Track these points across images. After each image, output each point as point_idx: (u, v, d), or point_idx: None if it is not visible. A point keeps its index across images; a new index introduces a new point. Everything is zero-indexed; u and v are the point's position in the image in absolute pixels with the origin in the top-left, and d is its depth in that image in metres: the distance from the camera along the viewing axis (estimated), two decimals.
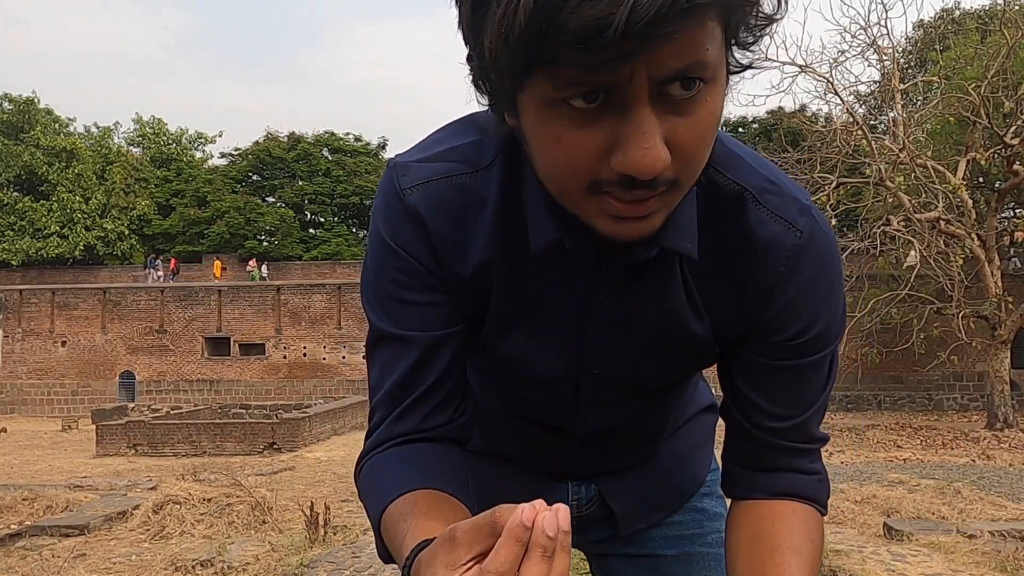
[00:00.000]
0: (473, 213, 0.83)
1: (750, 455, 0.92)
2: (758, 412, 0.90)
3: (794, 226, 0.82)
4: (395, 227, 0.84)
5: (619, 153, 0.62)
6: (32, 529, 7.17)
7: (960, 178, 16.73)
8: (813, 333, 0.85)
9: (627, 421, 1.05)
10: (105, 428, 16.29)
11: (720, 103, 0.66)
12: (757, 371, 0.89)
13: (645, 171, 0.62)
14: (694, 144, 0.65)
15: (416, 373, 0.87)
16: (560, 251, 0.79)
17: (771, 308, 0.84)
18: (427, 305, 0.86)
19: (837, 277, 0.87)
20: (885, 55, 17.51)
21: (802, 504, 0.90)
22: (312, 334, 28.38)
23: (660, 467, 1.16)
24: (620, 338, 0.89)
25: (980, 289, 17.85)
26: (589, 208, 0.69)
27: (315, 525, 6.23)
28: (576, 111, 0.62)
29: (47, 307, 29.49)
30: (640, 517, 1.16)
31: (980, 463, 12.52)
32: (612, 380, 0.94)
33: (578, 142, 0.64)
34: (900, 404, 24.27)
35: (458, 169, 0.83)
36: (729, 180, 0.81)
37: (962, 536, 5.89)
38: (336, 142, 41.99)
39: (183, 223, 38.70)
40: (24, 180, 38.35)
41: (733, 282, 0.84)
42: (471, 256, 0.84)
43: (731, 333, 0.88)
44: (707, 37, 0.60)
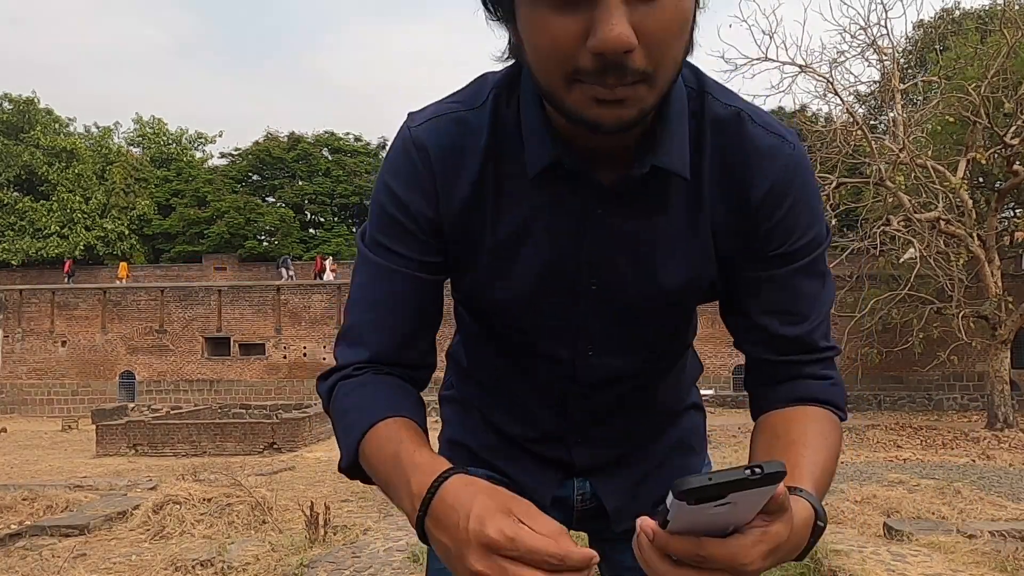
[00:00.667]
0: (469, 142, 0.92)
1: (767, 373, 0.99)
2: (763, 331, 0.96)
3: (786, 139, 0.92)
4: (398, 166, 0.94)
5: (591, 35, 0.71)
6: (32, 529, 7.17)
7: (960, 178, 16.74)
8: (807, 238, 0.92)
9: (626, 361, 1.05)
10: (105, 428, 16.30)
11: (687, 2, 0.74)
12: (756, 287, 0.95)
13: (612, 46, 0.70)
14: (660, 32, 0.73)
15: (394, 311, 0.96)
16: (556, 172, 0.87)
17: (769, 217, 0.91)
18: (414, 256, 0.94)
19: (817, 191, 0.95)
20: (885, 55, 17.51)
21: (817, 407, 0.95)
22: (312, 334, 28.39)
23: (652, 467, 1.18)
24: (617, 253, 0.94)
25: (980, 289, 17.86)
26: (573, 96, 0.76)
27: (315, 525, 6.23)
28: (557, 2, 0.72)
29: (47, 307, 29.51)
30: (632, 515, 1.17)
31: (980, 463, 12.53)
32: (610, 298, 0.96)
33: (559, 27, 0.73)
34: (900, 404, 24.29)
35: (457, 108, 0.94)
36: (725, 104, 0.91)
37: (962, 536, 5.89)
38: (336, 142, 42.00)
39: (183, 223, 38.71)
40: (24, 180, 38.36)
41: (734, 197, 0.91)
42: (465, 181, 0.92)
43: (730, 248, 0.94)
44: None
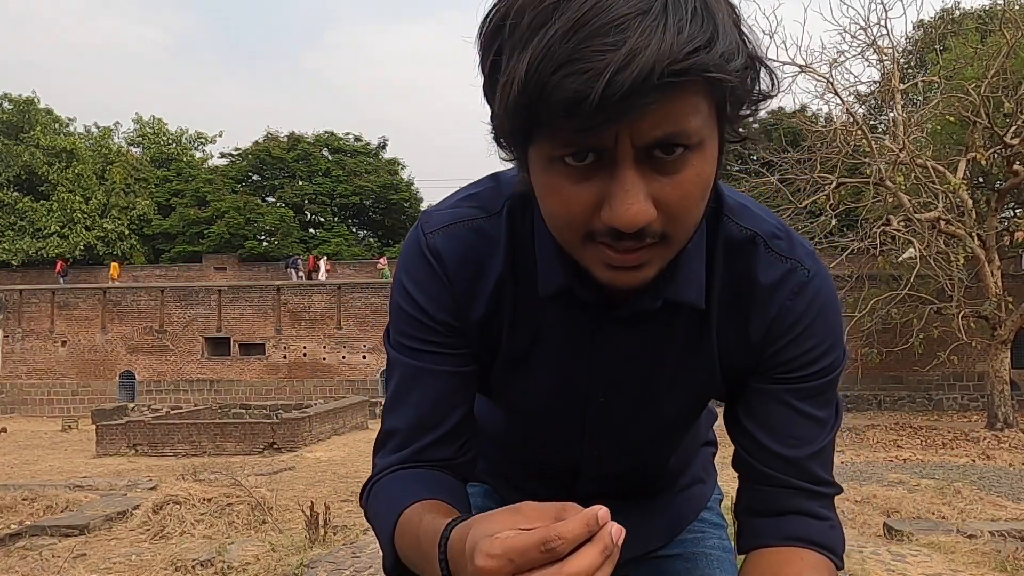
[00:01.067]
0: (486, 254, 0.91)
1: (760, 500, 0.94)
2: (763, 449, 0.92)
3: (802, 264, 0.89)
4: (416, 273, 0.92)
5: (606, 207, 0.69)
6: (32, 529, 7.18)
7: (960, 178, 16.73)
8: (813, 363, 0.90)
9: (631, 460, 1.08)
10: (105, 428, 16.30)
11: (709, 169, 0.72)
12: (761, 404, 0.92)
13: (628, 224, 0.69)
14: (679, 202, 0.71)
15: (426, 411, 0.94)
16: (568, 296, 0.87)
17: (776, 340, 0.89)
18: (440, 351, 0.93)
19: (837, 311, 0.92)
20: (885, 55, 17.51)
21: (814, 552, 0.91)
22: (312, 334, 28.39)
23: (660, 507, 1.20)
24: (624, 374, 0.93)
25: (980, 289, 17.85)
26: (586, 256, 0.75)
27: (315, 525, 6.24)
28: (571, 168, 0.69)
29: (47, 307, 29.50)
30: (634, 548, 1.19)
31: (980, 463, 12.53)
32: (616, 414, 0.98)
33: (573, 196, 0.71)
34: (900, 404, 24.28)
35: (474, 214, 0.92)
36: (741, 227, 0.89)
37: (962, 536, 5.89)
38: (336, 142, 41.98)
39: (183, 223, 38.68)
40: (24, 180, 38.34)
41: (742, 320, 0.90)
42: (482, 294, 0.91)
43: (738, 368, 0.92)
44: (689, 109, 0.67)
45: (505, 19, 0.68)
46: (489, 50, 0.70)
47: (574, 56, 0.62)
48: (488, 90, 0.73)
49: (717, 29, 0.65)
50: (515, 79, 0.65)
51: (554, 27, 0.63)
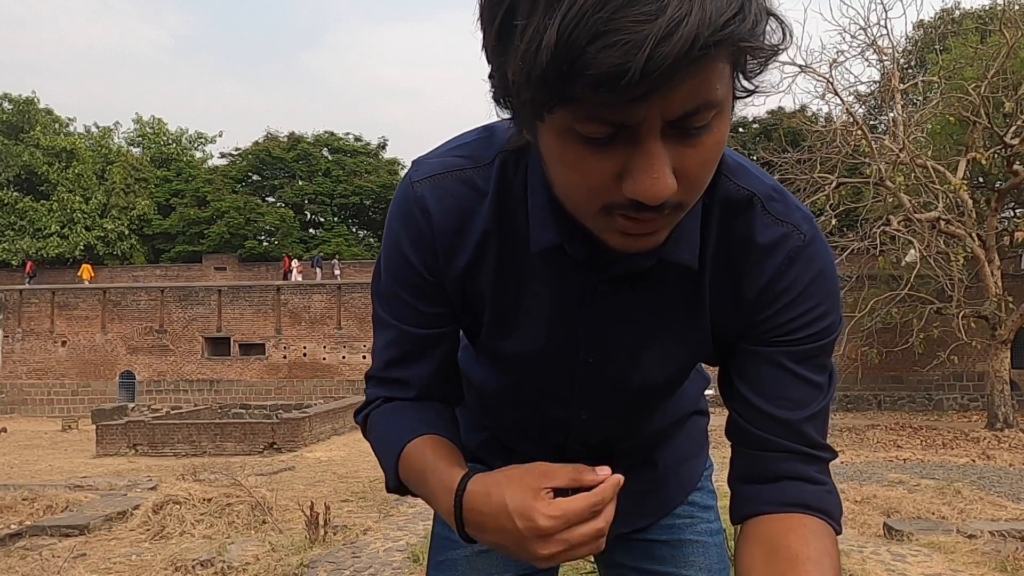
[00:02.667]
0: (473, 205, 0.89)
1: (755, 466, 0.92)
2: (757, 412, 0.90)
3: (798, 229, 0.87)
4: (403, 220, 0.91)
5: (630, 180, 0.67)
6: (32, 529, 7.17)
7: (960, 178, 16.73)
8: (808, 326, 0.88)
9: (620, 422, 1.07)
10: (105, 428, 16.30)
11: (726, 130, 0.70)
12: (754, 366, 0.90)
13: (653, 198, 0.67)
14: (700, 170, 0.70)
15: (408, 359, 0.99)
16: (558, 252, 0.85)
17: (771, 304, 0.87)
18: (425, 303, 0.95)
19: (833, 281, 0.90)
20: (885, 55, 17.51)
21: (814, 517, 0.89)
22: (312, 334, 28.39)
23: (651, 482, 1.19)
24: (615, 333, 0.92)
25: (980, 289, 17.84)
26: (600, 225, 0.74)
27: (315, 525, 6.23)
28: (591, 140, 0.66)
29: (47, 307, 29.50)
30: (621, 523, 1.20)
31: (980, 463, 12.52)
32: (605, 374, 0.97)
33: (592, 167, 0.68)
34: (900, 404, 24.27)
35: (463, 164, 0.89)
36: (739, 186, 0.87)
37: (962, 536, 5.89)
38: (336, 142, 41.98)
39: (183, 223, 38.69)
40: (24, 180, 38.35)
41: (735, 281, 0.88)
42: (466, 246, 0.90)
43: (730, 330, 0.91)
44: (716, 77, 0.64)
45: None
46: (498, 6, 0.65)
47: (610, 26, 0.58)
48: (496, 50, 0.67)
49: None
50: (542, 48, 0.60)
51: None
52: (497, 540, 0.81)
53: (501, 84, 0.69)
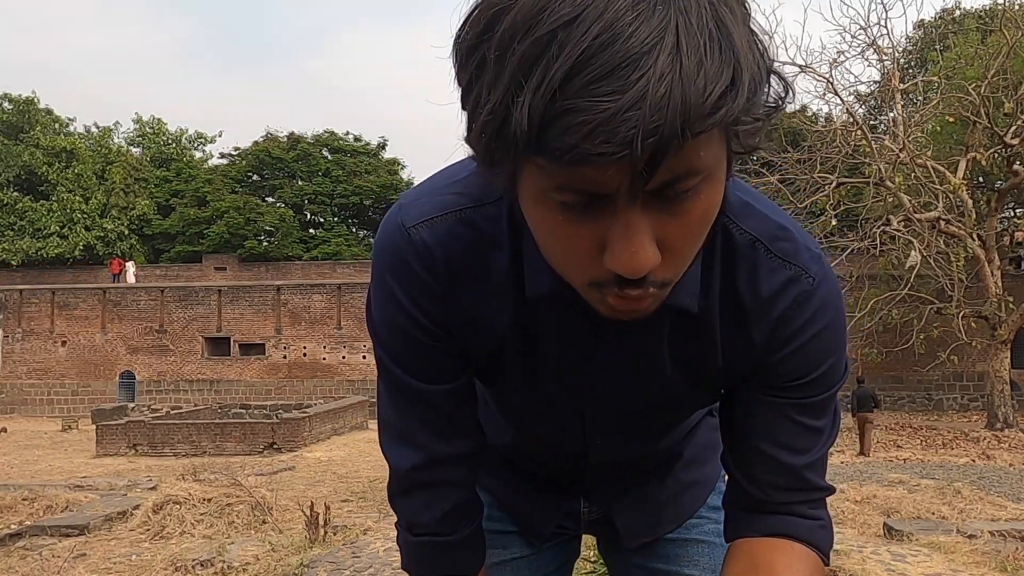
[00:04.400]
0: (482, 250, 0.82)
1: (751, 499, 0.93)
2: (759, 455, 0.91)
3: (806, 271, 0.83)
4: (398, 271, 0.83)
5: (609, 254, 0.63)
6: (32, 529, 7.17)
7: (960, 178, 16.74)
8: (814, 376, 0.86)
9: (635, 450, 1.08)
10: (105, 428, 16.30)
11: (716, 196, 0.65)
12: (760, 413, 0.89)
13: (634, 272, 0.63)
14: (685, 241, 0.65)
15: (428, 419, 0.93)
16: (558, 297, 0.81)
17: (777, 350, 0.85)
18: (435, 357, 0.88)
19: (842, 323, 0.87)
20: (885, 55, 17.52)
21: (802, 546, 0.90)
22: (312, 334, 28.38)
23: (667, 492, 1.20)
24: (622, 369, 0.90)
25: (980, 289, 17.85)
26: (590, 296, 0.70)
27: (315, 525, 6.23)
28: (567, 206, 0.62)
29: (47, 307, 29.50)
30: (643, 535, 1.21)
31: (980, 463, 12.53)
32: (614, 415, 0.97)
33: (572, 237, 0.64)
34: (900, 404, 24.27)
35: (462, 203, 0.82)
36: (742, 230, 0.82)
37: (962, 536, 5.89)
38: (336, 142, 41.97)
39: (183, 223, 38.68)
40: (24, 180, 38.35)
41: (744, 326, 0.85)
42: (480, 295, 0.84)
43: (737, 372, 0.89)
44: (701, 147, 0.58)
45: (486, 35, 0.59)
46: (466, 65, 0.61)
47: (577, 104, 0.54)
48: (466, 108, 0.63)
49: (738, 57, 0.56)
50: (505, 120, 0.57)
51: (555, 65, 0.54)
52: None
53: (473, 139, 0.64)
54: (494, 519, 1.20)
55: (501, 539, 1.21)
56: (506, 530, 1.22)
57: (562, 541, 1.26)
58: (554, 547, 1.25)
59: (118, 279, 33.07)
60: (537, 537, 1.22)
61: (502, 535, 1.21)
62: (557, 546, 1.26)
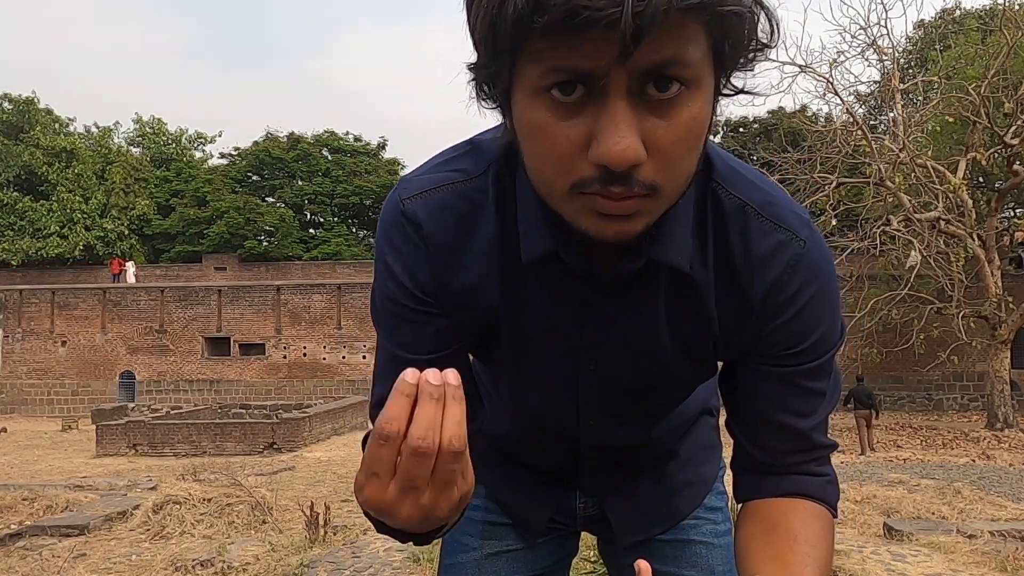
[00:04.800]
0: (473, 219, 0.86)
1: (760, 460, 0.95)
2: (766, 422, 0.92)
3: (797, 236, 0.84)
4: (393, 240, 0.87)
5: (595, 144, 0.64)
6: (32, 529, 7.18)
7: (960, 178, 16.74)
8: (813, 340, 0.87)
9: (629, 429, 1.07)
10: (105, 428, 16.30)
11: (704, 113, 0.67)
12: (764, 383, 0.91)
13: (617, 160, 0.63)
14: (672, 147, 0.66)
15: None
16: (552, 261, 0.82)
17: (774, 317, 0.86)
18: (423, 327, 0.90)
19: (835, 287, 0.89)
20: (885, 55, 17.52)
21: (813, 503, 0.92)
22: (312, 334, 28.38)
23: (662, 491, 1.20)
24: (615, 339, 0.91)
25: (980, 289, 17.85)
26: (574, 206, 0.70)
27: (315, 525, 6.23)
28: (559, 103, 0.65)
29: (47, 307, 29.50)
30: (637, 533, 1.22)
31: (980, 463, 12.53)
32: (608, 380, 0.96)
33: (560, 133, 0.66)
34: (900, 404, 24.27)
35: (455, 177, 0.86)
36: (731, 195, 0.84)
37: (962, 536, 5.89)
38: (336, 142, 41.97)
39: (183, 223, 38.68)
40: (24, 180, 38.34)
41: (738, 291, 0.86)
42: (471, 264, 0.87)
43: (733, 343, 0.90)
44: (690, 37, 0.62)
45: None
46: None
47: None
48: (469, 16, 0.67)
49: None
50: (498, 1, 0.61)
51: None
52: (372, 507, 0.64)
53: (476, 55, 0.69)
54: (489, 510, 1.21)
55: (496, 530, 1.22)
56: (501, 522, 1.22)
57: (558, 537, 1.26)
58: (550, 543, 1.25)
59: (118, 279, 33.11)
60: (529, 531, 1.22)
61: (497, 527, 1.22)
62: (553, 542, 1.26)
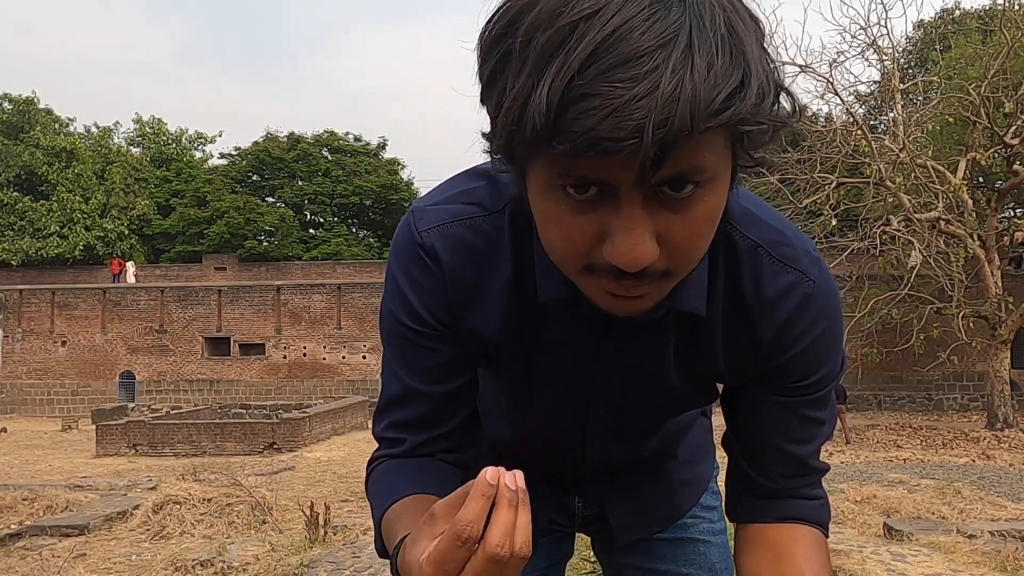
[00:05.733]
0: (490, 256, 0.86)
1: (757, 484, 0.97)
2: (767, 446, 0.95)
3: (806, 276, 0.86)
4: (411, 272, 0.87)
5: (608, 244, 0.65)
6: (32, 529, 7.18)
7: (960, 178, 16.73)
8: (819, 375, 0.91)
9: (633, 452, 1.11)
10: (105, 428, 16.29)
11: (719, 202, 0.68)
12: (762, 407, 0.94)
13: (630, 265, 0.65)
14: (686, 241, 0.67)
15: (420, 418, 0.93)
16: (568, 304, 0.83)
17: (782, 354, 0.89)
18: (434, 355, 0.90)
19: (840, 321, 0.92)
20: (885, 55, 17.51)
21: (811, 528, 0.95)
22: (312, 334, 28.37)
23: (661, 491, 1.22)
24: (627, 379, 0.93)
25: (980, 289, 17.84)
26: (586, 284, 0.72)
27: (315, 525, 6.24)
28: (572, 198, 0.65)
29: (47, 307, 29.49)
30: (637, 532, 1.23)
31: (980, 463, 12.53)
32: (617, 421, 1.00)
33: (574, 228, 0.66)
34: (900, 404, 24.26)
35: (473, 212, 0.86)
36: (745, 236, 0.86)
37: (962, 536, 5.89)
38: (336, 142, 41.94)
39: (183, 223, 38.66)
40: (24, 180, 38.32)
41: (747, 331, 0.88)
42: (486, 300, 0.87)
43: (739, 375, 0.93)
44: (705, 147, 0.62)
45: (511, 28, 0.62)
46: (489, 58, 0.65)
47: (594, 90, 0.57)
48: (487, 101, 0.67)
49: (748, 63, 0.60)
50: (525, 104, 0.60)
51: (574, 53, 0.58)
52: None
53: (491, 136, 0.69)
54: None
55: None
56: None
57: (555, 539, 1.27)
58: (547, 544, 1.25)
59: (118, 279, 33.11)
60: None
61: None
62: (550, 543, 1.26)
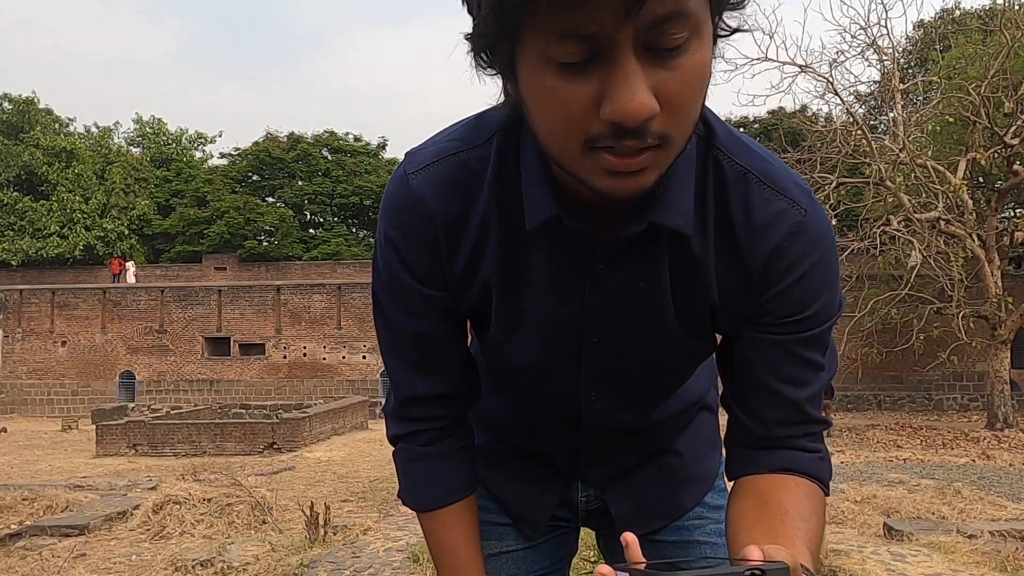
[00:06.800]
0: (472, 189, 0.87)
1: (753, 434, 0.95)
2: (762, 390, 0.92)
3: (798, 204, 0.85)
4: (398, 219, 0.89)
5: (607, 102, 0.65)
6: (32, 529, 7.17)
7: (960, 178, 16.72)
8: (813, 309, 0.88)
9: (630, 408, 1.07)
10: (105, 428, 16.29)
11: (707, 57, 0.68)
12: (762, 351, 0.91)
13: (632, 116, 0.64)
14: (681, 95, 0.67)
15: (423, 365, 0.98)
16: (556, 228, 0.83)
17: (774, 284, 0.86)
18: (427, 304, 0.92)
19: (834, 256, 0.89)
20: (885, 55, 17.51)
21: (806, 479, 0.92)
22: (312, 334, 28.38)
23: (663, 485, 1.20)
24: (618, 308, 0.91)
25: (980, 289, 17.84)
26: (586, 165, 0.71)
27: (315, 525, 6.23)
28: (566, 66, 0.65)
29: (47, 307, 29.49)
30: (638, 525, 1.21)
31: (980, 463, 12.52)
32: (611, 352, 0.96)
33: (569, 95, 0.66)
34: (900, 404, 24.27)
35: (456, 147, 0.88)
36: (733, 161, 0.84)
37: (962, 536, 5.88)
38: (336, 142, 41.97)
39: (183, 223, 38.68)
40: (24, 180, 38.33)
41: (739, 257, 0.86)
42: (471, 234, 0.88)
43: (733, 311, 0.90)
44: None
45: None
46: None
47: None
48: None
49: None
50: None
51: None
52: None
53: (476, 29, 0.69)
54: (488, 510, 1.20)
55: (496, 531, 1.21)
56: (501, 522, 1.21)
57: (559, 536, 1.26)
58: (551, 542, 1.25)
59: (118, 279, 33.13)
60: (530, 527, 1.21)
61: (497, 527, 1.21)
62: (554, 540, 1.25)
